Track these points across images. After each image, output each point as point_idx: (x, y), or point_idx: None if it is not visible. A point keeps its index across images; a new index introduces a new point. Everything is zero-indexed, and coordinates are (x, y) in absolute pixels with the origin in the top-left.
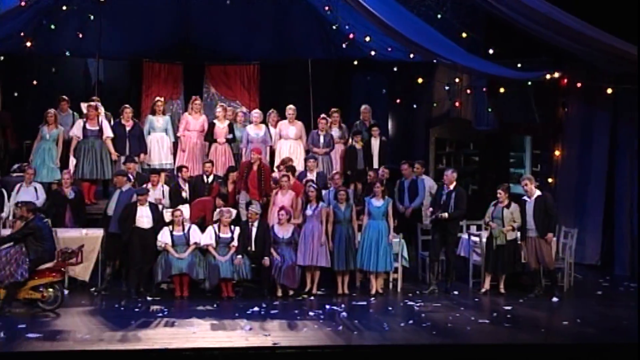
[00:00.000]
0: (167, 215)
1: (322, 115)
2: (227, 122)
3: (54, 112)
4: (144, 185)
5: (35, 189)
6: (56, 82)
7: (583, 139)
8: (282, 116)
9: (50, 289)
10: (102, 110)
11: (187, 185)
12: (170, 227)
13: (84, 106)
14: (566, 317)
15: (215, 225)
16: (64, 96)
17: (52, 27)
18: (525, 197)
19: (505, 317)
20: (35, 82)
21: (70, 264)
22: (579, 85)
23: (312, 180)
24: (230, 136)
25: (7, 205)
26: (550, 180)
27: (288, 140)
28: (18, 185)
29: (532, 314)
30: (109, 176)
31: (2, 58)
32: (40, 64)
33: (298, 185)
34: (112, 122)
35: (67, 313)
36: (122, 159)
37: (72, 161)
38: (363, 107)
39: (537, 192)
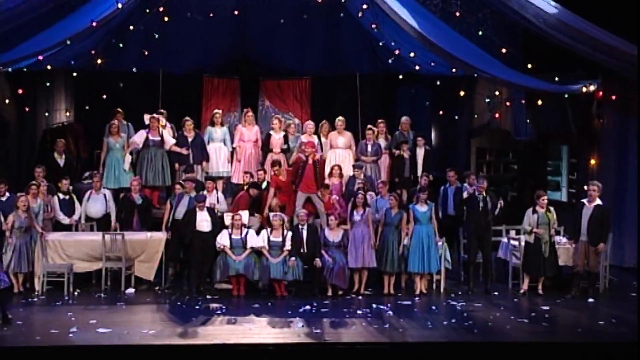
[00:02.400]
0: (228, 219)
1: (369, 126)
2: (282, 133)
3: (117, 123)
4: (201, 192)
5: (105, 195)
6: (123, 96)
7: (619, 148)
8: (333, 127)
9: None
10: (163, 121)
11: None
12: (230, 230)
13: (146, 118)
14: (602, 317)
15: (268, 229)
16: (118, 109)
17: (120, 45)
18: (584, 201)
19: (543, 316)
20: (104, 96)
21: None
22: (613, 97)
23: (361, 188)
24: (285, 146)
25: (78, 210)
26: (585, 187)
27: (337, 150)
28: (88, 192)
29: (569, 314)
30: (169, 183)
31: (75, 74)
32: (109, 79)
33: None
34: (175, 134)
35: (133, 310)
36: (184, 166)
37: (128, 158)
38: (403, 118)
39: (598, 201)
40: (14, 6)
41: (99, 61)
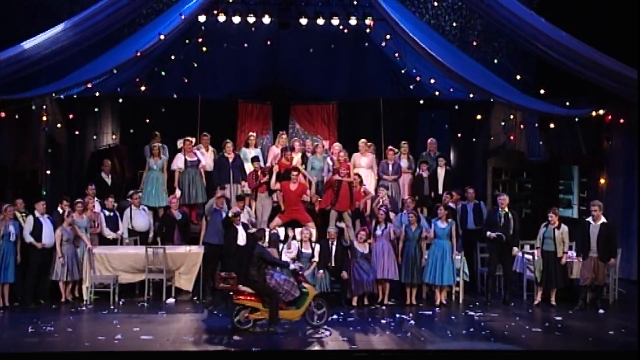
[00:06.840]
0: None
1: (390, 147)
2: (301, 153)
3: (158, 145)
4: (235, 209)
5: (145, 210)
6: (165, 120)
7: (626, 168)
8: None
9: None
10: (193, 141)
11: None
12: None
13: (179, 142)
14: (611, 327)
15: (299, 242)
16: (156, 132)
17: (162, 73)
18: (589, 220)
19: (556, 326)
20: (147, 121)
21: None
22: (621, 121)
23: (384, 206)
24: (303, 166)
25: (121, 225)
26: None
27: (360, 169)
28: (128, 209)
29: (580, 324)
30: (206, 200)
31: (121, 100)
32: (151, 105)
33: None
34: (216, 155)
35: (173, 318)
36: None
37: (178, 192)
38: (430, 140)
39: (603, 219)
40: (70, 37)
41: (142, 88)
